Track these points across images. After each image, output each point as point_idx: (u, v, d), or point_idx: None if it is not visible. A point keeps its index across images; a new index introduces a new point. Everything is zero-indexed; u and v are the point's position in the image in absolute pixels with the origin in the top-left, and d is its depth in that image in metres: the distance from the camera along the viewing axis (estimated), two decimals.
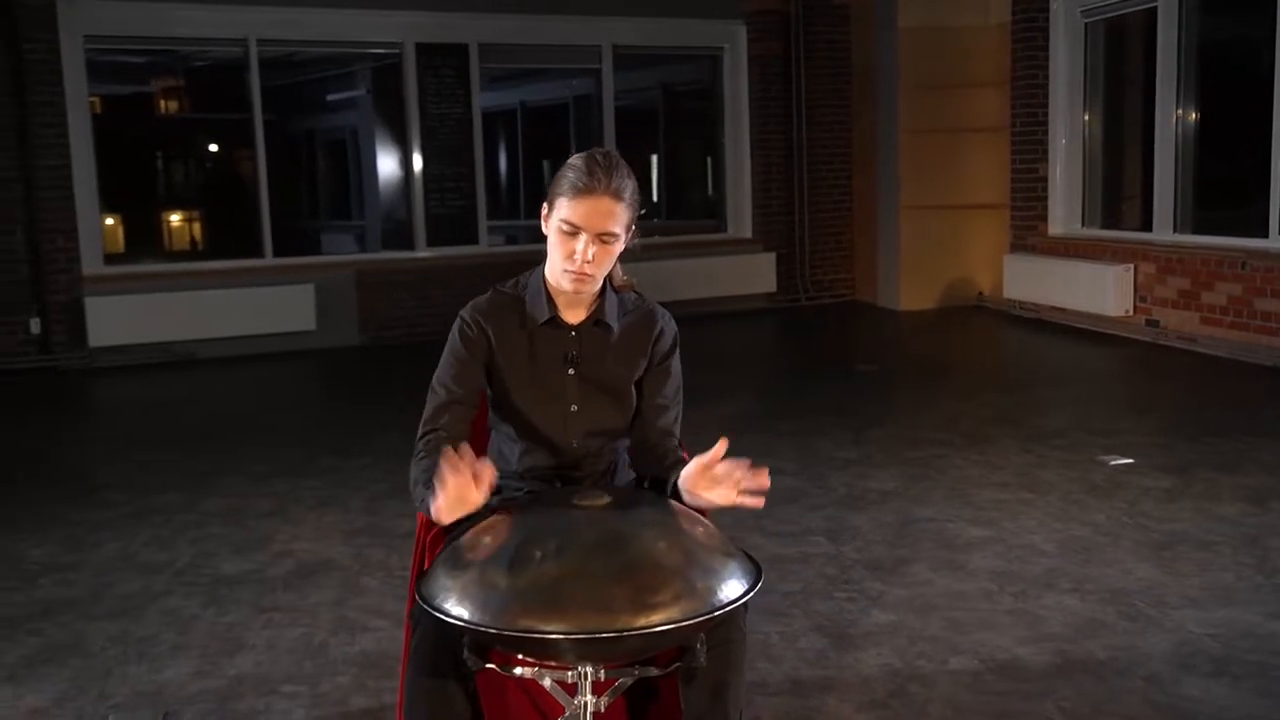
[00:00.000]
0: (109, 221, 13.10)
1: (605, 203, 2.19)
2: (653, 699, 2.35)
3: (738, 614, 2.14)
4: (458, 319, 2.36)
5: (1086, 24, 8.80)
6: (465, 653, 2.00)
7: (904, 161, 9.79)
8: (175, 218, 15.82)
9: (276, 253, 9.06)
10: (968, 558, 3.94)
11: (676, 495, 2.19)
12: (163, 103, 15.22)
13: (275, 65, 11.54)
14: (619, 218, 2.21)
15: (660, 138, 12.51)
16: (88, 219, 8.36)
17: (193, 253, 14.59)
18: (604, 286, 2.35)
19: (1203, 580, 3.67)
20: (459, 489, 1.97)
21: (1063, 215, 9.02)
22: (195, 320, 8.41)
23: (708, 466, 2.08)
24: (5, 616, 3.65)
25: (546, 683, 2.09)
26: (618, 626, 1.81)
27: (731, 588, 1.93)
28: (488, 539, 1.98)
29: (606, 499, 2.05)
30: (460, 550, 2.00)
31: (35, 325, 8.22)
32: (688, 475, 2.13)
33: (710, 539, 2.02)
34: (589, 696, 2.05)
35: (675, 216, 12.06)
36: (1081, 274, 8.41)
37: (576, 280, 2.25)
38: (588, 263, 2.21)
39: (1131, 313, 8.13)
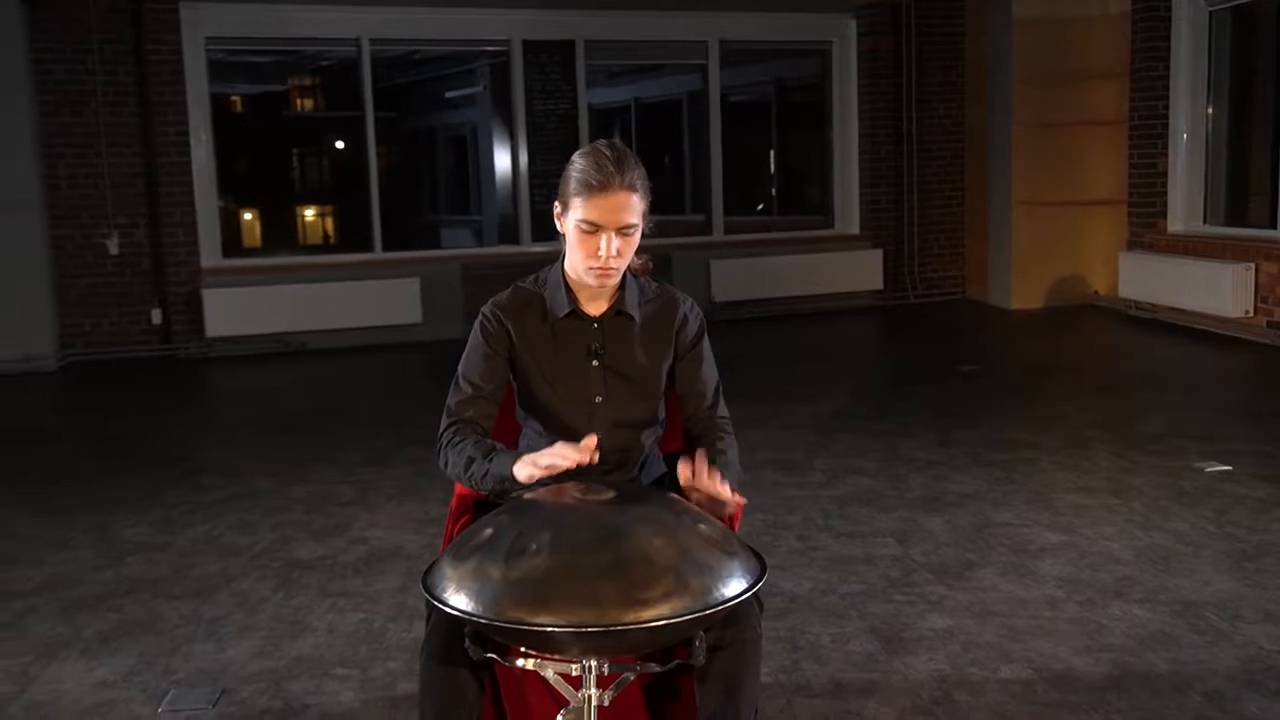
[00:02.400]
0: (247, 216, 13.63)
1: (622, 196, 2.20)
2: (672, 698, 2.36)
3: (750, 613, 2.13)
4: (479, 315, 2.40)
5: (1211, 12, 8.44)
6: (467, 642, 2.04)
7: (1017, 156, 9.53)
8: (309, 212, 16.34)
9: (386, 247, 9.28)
10: (1038, 564, 3.83)
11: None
12: (297, 100, 15.73)
13: (398, 64, 11.78)
14: (635, 208, 2.23)
15: (773, 133, 12.43)
16: (207, 213, 8.68)
17: (325, 246, 15.05)
18: (623, 276, 2.36)
19: None
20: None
21: (1183, 212, 8.68)
22: (306, 312, 8.66)
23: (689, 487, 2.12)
24: (92, 593, 3.83)
25: (549, 674, 2.10)
26: (605, 621, 1.82)
27: (731, 586, 1.92)
28: (489, 531, 2.00)
29: (610, 494, 2.06)
30: (464, 541, 2.03)
31: (156, 316, 8.59)
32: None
33: (711, 536, 2.01)
34: (593, 690, 2.06)
35: (788, 212, 11.97)
36: (1198, 273, 8.07)
37: (602, 275, 2.27)
38: (613, 257, 2.23)
39: (1252, 314, 7.77)
